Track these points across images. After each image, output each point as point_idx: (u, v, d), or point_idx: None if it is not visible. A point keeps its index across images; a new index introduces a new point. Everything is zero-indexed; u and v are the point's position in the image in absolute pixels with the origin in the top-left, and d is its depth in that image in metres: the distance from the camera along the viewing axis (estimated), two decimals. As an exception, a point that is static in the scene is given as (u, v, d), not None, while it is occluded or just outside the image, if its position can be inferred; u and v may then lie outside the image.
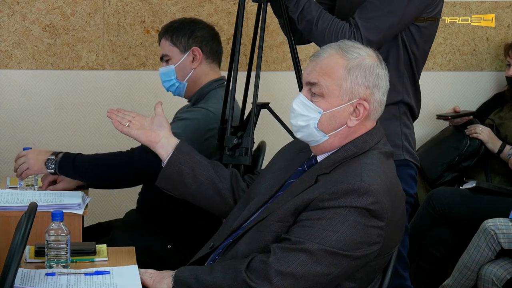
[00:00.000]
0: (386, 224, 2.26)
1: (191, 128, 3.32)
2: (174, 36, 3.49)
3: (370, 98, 2.36)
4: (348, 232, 2.23)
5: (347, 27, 2.85)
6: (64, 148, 4.30)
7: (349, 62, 2.35)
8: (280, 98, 4.22)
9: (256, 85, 3.10)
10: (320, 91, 2.36)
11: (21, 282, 2.27)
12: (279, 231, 2.32)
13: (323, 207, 2.26)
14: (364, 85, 2.35)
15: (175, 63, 3.49)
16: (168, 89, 3.54)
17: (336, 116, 2.36)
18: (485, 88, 4.68)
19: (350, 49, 2.38)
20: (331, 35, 2.86)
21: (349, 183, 2.25)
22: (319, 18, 2.90)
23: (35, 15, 4.35)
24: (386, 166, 2.37)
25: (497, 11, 4.62)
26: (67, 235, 2.41)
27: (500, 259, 3.79)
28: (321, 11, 2.91)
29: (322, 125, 2.37)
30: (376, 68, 2.37)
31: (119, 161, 3.30)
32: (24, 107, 4.39)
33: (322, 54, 2.39)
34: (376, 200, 2.24)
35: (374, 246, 2.26)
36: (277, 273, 2.22)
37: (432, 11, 2.94)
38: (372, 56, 2.39)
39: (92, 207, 3.83)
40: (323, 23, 2.89)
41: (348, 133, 2.38)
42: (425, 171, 4.31)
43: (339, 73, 2.35)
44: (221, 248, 2.47)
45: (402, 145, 2.97)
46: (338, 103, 2.35)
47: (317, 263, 2.22)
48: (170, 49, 3.50)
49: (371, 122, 2.40)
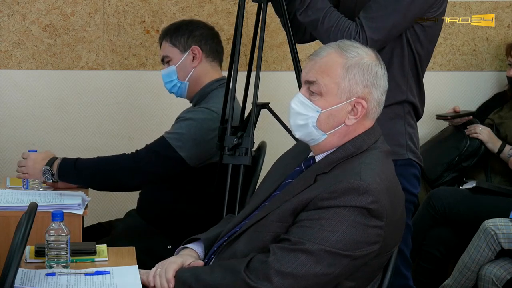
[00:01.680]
0: (386, 223, 2.26)
1: (195, 127, 3.33)
2: (174, 37, 3.51)
3: (368, 97, 2.36)
4: (348, 232, 2.23)
5: (353, 27, 2.85)
6: (64, 148, 4.31)
7: (348, 60, 2.35)
8: (280, 98, 4.22)
9: (256, 85, 3.10)
10: (319, 90, 2.36)
11: (21, 282, 2.27)
12: (278, 231, 2.32)
13: (322, 206, 2.26)
14: (362, 84, 2.35)
15: (175, 63, 3.50)
16: (171, 90, 3.55)
17: (334, 115, 2.36)
18: (485, 88, 4.68)
19: (349, 48, 2.38)
20: (336, 33, 2.85)
21: (348, 182, 2.25)
22: (326, 16, 2.88)
23: (35, 15, 4.35)
24: (385, 165, 2.37)
25: (497, 11, 4.62)
26: (67, 235, 2.41)
27: (500, 259, 3.79)
28: (328, 9, 2.90)
29: (321, 123, 2.37)
30: (374, 67, 2.37)
31: (125, 165, 3.30)
32: (24, 107, 4.39)
33: (321, 53, 2.39)
34: (376, 199, 2.24)
35: (374, 245, 2.26)
36: (277, 273, 2.22)
37: (436, 11, 2.94)
38: (370, 56, 2.39)
39: (92, 207, 3.83)
40: (330, 22, 2.88)
41: (346, 132, 2.37)
42: (425, 171, 4.31)
43: (337, 71, 2.35)
44: (216, 247, 2.47)
45: (406, 144, 2.97)
46: (336, 102, 2.35)
47: (317, 263, 2.22)
48: (170, 50, 3.51)
49: (369, 122, 2.40)
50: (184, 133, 3.30)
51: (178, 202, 3.43)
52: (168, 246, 3.42)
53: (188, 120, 3.36)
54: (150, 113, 4.38)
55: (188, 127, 3.33)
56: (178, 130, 3.35)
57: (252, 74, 3.23)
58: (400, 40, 2.94)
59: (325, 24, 2.88)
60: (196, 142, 3.33)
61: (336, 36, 2.82)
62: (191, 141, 3.32)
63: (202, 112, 3.38)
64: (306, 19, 2.92)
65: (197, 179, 3.39)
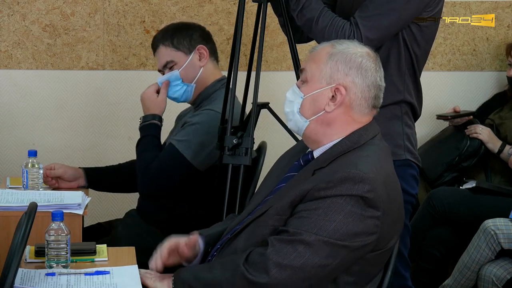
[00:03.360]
0: (383, 214, 2.27)
1: (202, 131, 3.33)
2: (175, 41, 3.47)
3: (351, 86, 2.38)
4: (345, 221, 2.24)
5: (347, 26, 2.86)
6: (64, 148, 4.31)
7: (334, 49, 2.40)
8: (280, 98, 4.18)
9: (256, 85, 3.11)
10: (305, 77, 2.43)
11: (21, 282, 2.27)
12: (276, 224, 2.33)
13: (319, 196, 2.27)
14: (344, 72, 2.38)
15: (180, 67, 3.47)
16: (173, 95, 3.50)
17: (315, 100, 2.40)
18: (485, 88, 4.68)
19: (344, 41, 2.44)
20: (331, 33, 2.87)
21: (345, 171, 2.27)
22: (320, 16, 2.90)
23: (35, 15, 4.35)
24: (383, 160, 2.38)
25: (497, 11, 4.62)
26: (67, 235, 2.41)
27: (500, 259, 3.79)
28: (322, 9, 2.91)
29: (304, 109, 2.42)
30: (359, 58, 2.39)
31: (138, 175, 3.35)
32: (24, 107, 4.39)
33: (318, 47, 2.47)
34: (372, 188, 2.25)
35: (371, 236, 2.27)
36: (275, 264, 2.23)
37: (432, 10, 2.94)
38: (360, 49, 2.42)
39: (92, 207, 3.83)
40: (323, 21, 2.90)
41: (327, 120, 2.39)
42: (425, 171, 4.31)
43: (322, 58, 2.40)
44: (219, 244, 2.47)
45: (404, 145, 2.97)
46: (317, 87, 2.40)
47: (315, 254, 2.23)
48: (174, 54, 3.47)
49: (360, 116, 2.40)
50: (192, 139, 3.31)
51: (178, 202, 3.43)
52: (168, 246, 3.42)
53: (194, 125, 3.36)
54: (150, 113, 4.36)
55: (195, 132, 3.33)
56: (186, 137, 3.35)
57: (252, 74, 3.23)
58: (397, 40, 2.94)
59: (319, 24, 2.90)
60: (204, 146, 3.34)
61: (330, 35, 2.85)
62: (199, 146, 3.33)
63: (207, 114, 3.38)
64: (301, 20, 2.94)
65: (197, 179, 3.39)
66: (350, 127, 2.40)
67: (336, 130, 2.40)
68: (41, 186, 3.33)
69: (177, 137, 3.37)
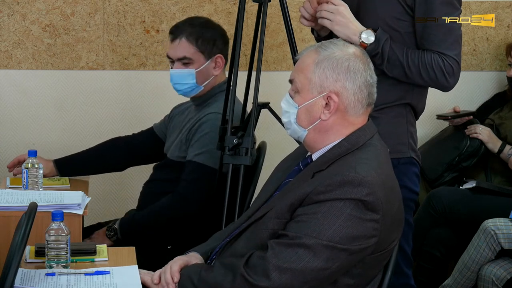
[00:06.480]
0: (382, 217, 2.27)
1: (215, 137, 3.32)
2: (200, 42, 3.46)
3: (342, 91, 2.37)
4: (344, 225, 2.24)
5: (436, 57, 2.80)
6: (64, 148, 4.30)
7: (319, 56, 2.39)
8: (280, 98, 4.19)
9: (256, 85, 3.11)
10: (296, 87, 2.43)
11: (21, 282, 2.27)
12: (275, 227, 2.33)
13: (318, 200, 2.27)
14: (333, 78, 2.37)
15: (197, 68, 3.47)
16: (180, 89, 3.50)
17: (310, 110, 2.40)
18: (485, 88, 4.68)
19: (328, 46, 2.42)
20: (427, 71, 2.81)
21: (344, 175, 2.27)
22: (408, 61, 2.82)
23: (35, 15, 4.35)
24: (382, 161, 2.38)
25: (497, 11, 4.62)
26: (67, 235, 2.41)
27: (500, 259, 3.79)
28: (405, 54, 2.83)
29: (300, 119, 2.42)
30: (346, 62, 2.37)
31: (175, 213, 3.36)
32: (24, 107, 4.39)
33: (302, 53, 2.46)
34: (371, 191, 2.25)
35: (370, 239, 2.27)
36: (275, 268, 2.23)
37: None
38: (346, 51, 2.40)
39: (92, 207, 3.83)
40: (414, 64, 2.81)
41: (325, 127, 2.39)
42: (425, 171, 4.31)
43: (309, 67, 2.39)
44: (219, 248, 2.47)
45: (408, 143, 2.96)
46: (309, 97, 2.39)
47: (314, 257, 2.23)
48: (194, 54, 3.46)
49: (356, 118, 2.40)
50: (211, 148, 3.32)
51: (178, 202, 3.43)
52: (168, 246, 3.42)
53: (208, 134, 3.37)
54: (150, 113, 4.37)
55: (210, 139, 3.35)
56: (205, 148, 3.36)
57: (252, 74, 3.23)
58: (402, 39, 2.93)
59: (412, 69, 2.81)
60: None
61: (428, 74, 2.80)
62: (217, 151, 3.33)
63: (215, 118, 3.37)
64: (392, 72, 2.84)
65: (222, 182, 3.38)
66: (348, 129, 2.40)
67: (335, 134, 2.40)
68: (41, 186, 3.33)
69: (195, 152, 3.37)
